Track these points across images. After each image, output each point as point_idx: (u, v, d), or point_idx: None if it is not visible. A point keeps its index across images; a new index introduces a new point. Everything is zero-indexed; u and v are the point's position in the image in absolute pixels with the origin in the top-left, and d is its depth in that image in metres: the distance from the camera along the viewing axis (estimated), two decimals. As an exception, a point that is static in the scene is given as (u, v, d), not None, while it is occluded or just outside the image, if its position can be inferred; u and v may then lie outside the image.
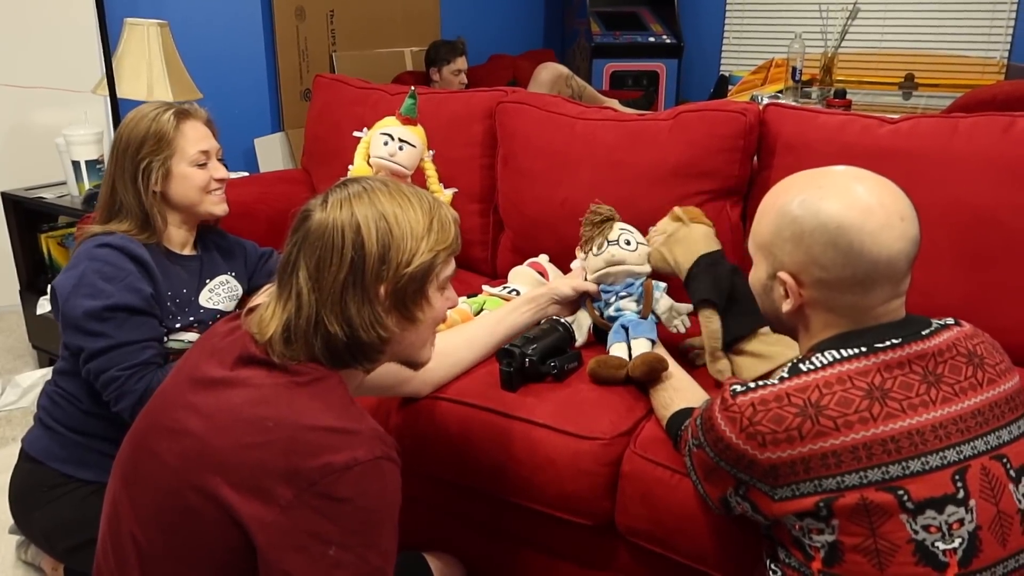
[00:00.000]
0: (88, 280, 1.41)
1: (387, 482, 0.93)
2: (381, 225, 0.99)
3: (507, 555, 1.54)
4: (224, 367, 1.00)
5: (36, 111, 2.84)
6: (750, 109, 1.73)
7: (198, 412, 0.97)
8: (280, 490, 0.88)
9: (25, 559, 1.72)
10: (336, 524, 0.89)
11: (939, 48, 4.41)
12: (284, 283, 1.01)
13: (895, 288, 0.99)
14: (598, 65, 4.56)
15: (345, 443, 0.91)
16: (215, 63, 3.09)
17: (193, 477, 0.93)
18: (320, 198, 1.02)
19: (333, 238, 0.98)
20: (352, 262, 0.97)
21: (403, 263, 1.00)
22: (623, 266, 1.52)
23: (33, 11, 2.75)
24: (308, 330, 0.98)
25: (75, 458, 1.50)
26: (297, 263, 1.00)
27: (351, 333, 0.99)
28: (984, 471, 0.93)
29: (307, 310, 0.98)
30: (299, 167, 2.57)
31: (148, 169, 1.48)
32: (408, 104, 1.80)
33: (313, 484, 0.88)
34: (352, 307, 0.98)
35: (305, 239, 1.00)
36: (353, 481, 0.89)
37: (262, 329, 1.00)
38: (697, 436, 1.07)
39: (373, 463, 0.91)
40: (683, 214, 1.54)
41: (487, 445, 1.41)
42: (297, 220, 1.02)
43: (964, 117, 1.58)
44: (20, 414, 2.35)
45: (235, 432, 0.93)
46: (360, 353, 1.02)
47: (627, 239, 1.55)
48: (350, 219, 0.98)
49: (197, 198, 1.54)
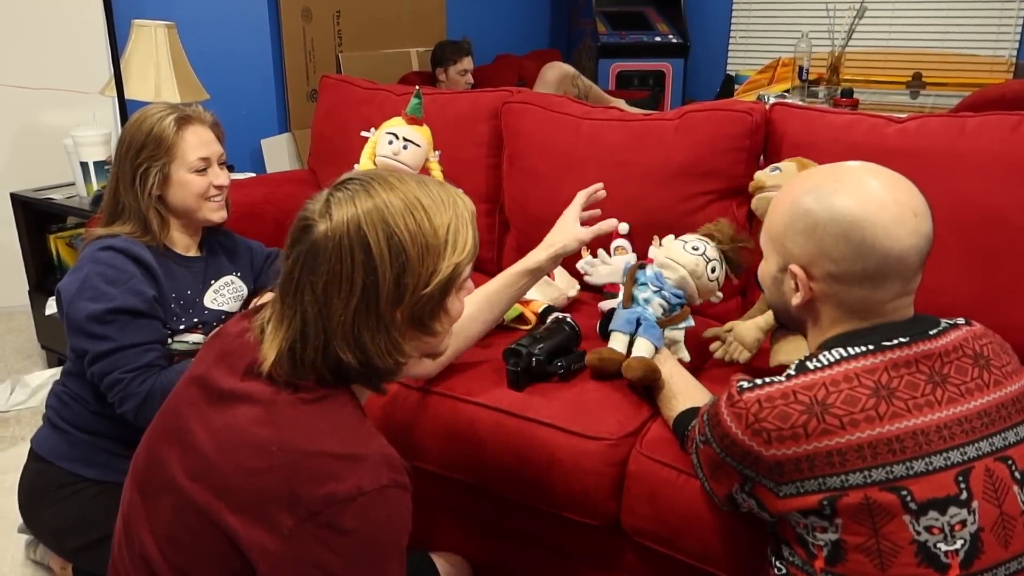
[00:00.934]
0: (91, 283, 1.41)
1: (393, 511, 0.88)
2: (394, 243, 0.89)
3: (513, 555, 1.54)
4: (234, 376, 0.96)
5: (44, 112, 2.86)
6: (756, 109, 1.73)
7: (207, 427, 0.94)
8: (282, 518, 0.85)
9: (34, 558, 1.73)
10: (339, 555, 0.85)
11: (947, 47, 4.39)
12: (287, 302, 0.93)
13: (905, 285, 0.99)
14: (604, 65, 4.55)
15: (350, 471, 0.86)
16: (222, 64, 3.10)
17: (199, 498, 0.90)
18: (321, 203, 0.92)
19: (341, 261, 0.89)
20: (364, 288, 0.89)
21: (420, 284, 0.92)
22: (690, 280, 1.47)
23: (41, 13, 2.77)
24: (315, 357, 0.91)
25: (83, 457, 1.51)
26: (301, 283, 0.91)
27: (365, 360, 0.92)
28: (988, 473, 0.93)
29: (315, 336, 0.91)
30: (306, 167, 2.58)
31: (146, 173, 1.47)
32: (413, 104, 1.81)
33: (316, 514, 0.84)
34: (366, 335, 0.91)
35: (308, 256, 0.90)
36: (357, 512, 0.85)
37: (264, 351, 0.93)
38: (704, 432, 1.07)
39: (379, 492, 0.86)
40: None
41: (493, 445, 1.41)
42: (296, 230, 0.93)
43: (972, 116, 1.57)
44: (29, 414, 2.36)
45: (239, 455, 0.89)
46: (375, 377, 0.96)
47: (715, 267, 1.49)
48: (358, 237, 0.89)
49: (195, 204, 1.53)
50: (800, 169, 1.41)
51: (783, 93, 3.68)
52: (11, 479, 1.58)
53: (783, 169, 1.43)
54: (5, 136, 2.86)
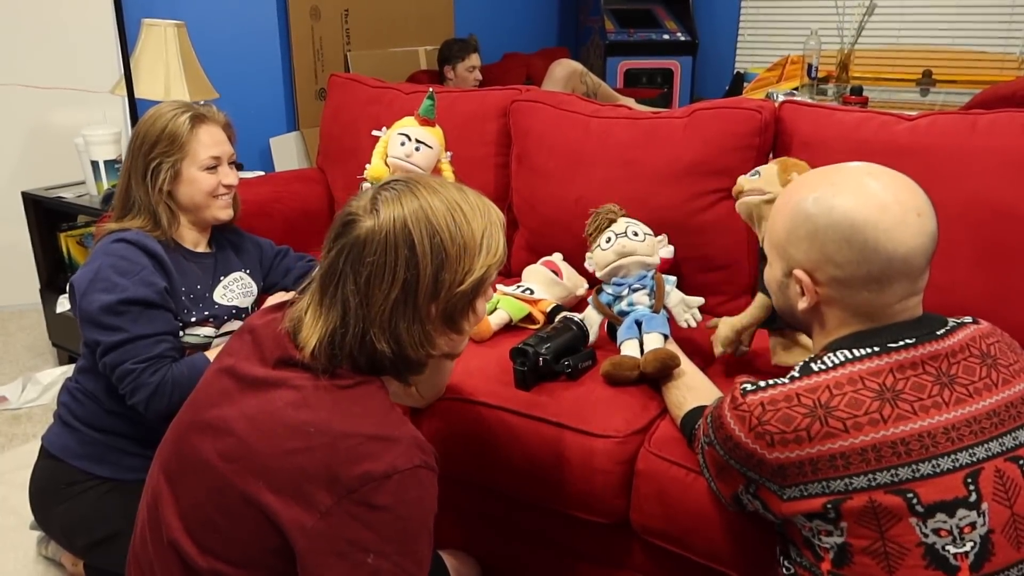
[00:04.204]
0: (103, 275, 1.43)
1: (425, 490, 0.93)
2: (435, 242, 0.96)
3: (522, 553, 1.55)
4: (266, 365, 1.00)
5: (55, 111, 2.87)
6: (765, 107, 1.72)
7: (242, 412, 0.97)
8: (320, 496, 0.89)
9: (46, 554, 1.74)
10: (374, 532, 0.89)
11: (957, 44, 4.36)
12: (328, 292, 0.98)
13: (912, 285, 0.98)
14: (612, 63, 4.54)
15: (385, 451, 0.91)
16: (231, 63, 3.11)
17: (235, 479, 0.94)
18: (367, 202, 0.98)
19: (385, 255, 0.95)
20: (405, 282, 0.95)
21: (456, 282, 0.98)
22: (635, 256, 1.52)
23: (52, 13, 2.78)
24: (354, 345, 0.97)
25: (94, 455, 1.52)
26: (344, 274, 0.97)
27: (399, 351, 0.98)
28: (999, 473, 0.93)
29: (354, 325, 0.96)
30: (314, 166, 2.58)
31: (158, 168, 1.49)
32: (426, 105, 1.81)
33: (352, 492, 0.89)
34: (402, 326, 0.97)
35: (353, 249, 0.96)
36: (392, 490, 0.89)
37: (303, 339, 0.98)
38: (708, 434, 1.07)
39: (412, 472, 0.91)
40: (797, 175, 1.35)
41: (501, 444, 1.41)
42: (340, 224, 0.99)
43: (983, 114, 1.57)
44: (40, 411, 2.37)
45: (277, 437, 0.93)
46: (405, 367, 1.01)
47: (634, 230, 1.55)
48: (403, 233, 0.95)
49: (203, 202, 1.55)
50: (783, 171, 1.41)
51: (792, 91, 3.67)
52: (23, 476, 1.60)
53: (762, 173, 1.43)
54: (16, 135, 2.87)
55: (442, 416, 1.47)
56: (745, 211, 1.43)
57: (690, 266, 1.74)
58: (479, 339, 1.65)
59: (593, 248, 1.59)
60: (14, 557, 1.75)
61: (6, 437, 2.24)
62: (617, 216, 1.60)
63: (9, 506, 1.89)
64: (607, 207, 1.62)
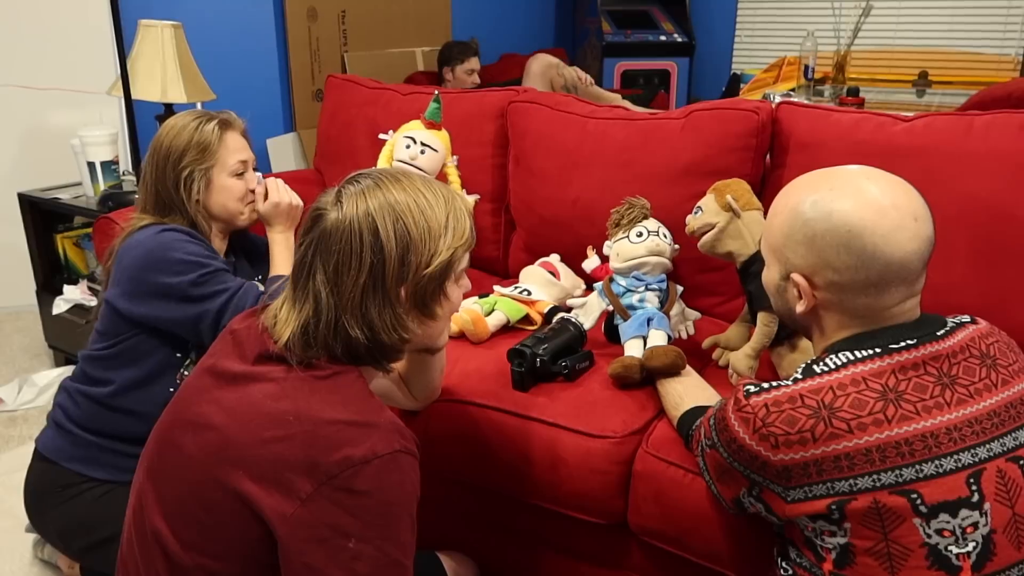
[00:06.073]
0: (175, 257, 1.43)
1: (405, 475, 0.94)
2: (399, 227, 0.98)
3: (520, 554, 1.55)
4: (245, 362, 1.01)
5: (51, 112, 2.87)
6: (762, 107, 1.73)
7: (220, 406, 0.98)
8: (300, 483, 0.90)
9: (42, 557, 1.74)
10: (355, 517, 0.90)
11: (953, 45, 4.37)
12: (300, 285, 1.01)
13: (909, 288, 0.98)
14: (609, 64, 4.54)
15: (364, 436, 0.92)
16: (228, 64, 3.10)
17: (215, 470, 0.94)
18: (332, 195, 1.02)
19: (351, 242, 0.97)
20: (371, 266, 0.98)
21: (423, 264, 1.00)
22: (662, 259, 1.52)
23: (48, 13, 2.77)
24: (328, 333, 0.99)
25: (88, 458, 1.51)
26: (313, 265, 0.99)
27: (372, 336, 1.00)
28: (1000, 474, 0.93)
29: (326, 314, 0.98)
30: (311, 167, 2.58)
31: (191, 178, 1.50)
32: (432, 108, 1.81)
33: (333, 477, 0.89)
34: (373, 311, 0.99)
35: (320, 240, 0.99)
36: (372, 474, 0.90)
37: (278, 331, 1.00)
38: (710, 436, 1.07)
39: (391, 456, 0.92)
40: (734, 201, 1.42)
41: (499, 445, 1.41)
42: (310, 219, 1.02)
43: (979, 114, 1.57)
44: (37, 413, 2.37)
45: (256, 426, 0.94)
46: (381, 353, 1.03)
47: (665, 232, 1.55)
48: (367, 220, 0.98)
49: (236, 208, 1.57)
50: (719, 196, 1.45)
51: (789, 92, 3.67)
52: (18, 478, 1.59)
53: (704, 207, 1.47)
54: (12, 136, 2.87)
55: (440, 417, 1.47)
56: (708, 249, 1.46)
57: (687, 267, 1.74)
58: (476, 340, 1.64)
59: (618, 237, 1.57)
60: (10, 560, 1.74)
61: (2, 439, 2.23)
62: (648, 213, 1.60)
63: (5, 509, 1.89)
64: (640, 200, 1.61)
